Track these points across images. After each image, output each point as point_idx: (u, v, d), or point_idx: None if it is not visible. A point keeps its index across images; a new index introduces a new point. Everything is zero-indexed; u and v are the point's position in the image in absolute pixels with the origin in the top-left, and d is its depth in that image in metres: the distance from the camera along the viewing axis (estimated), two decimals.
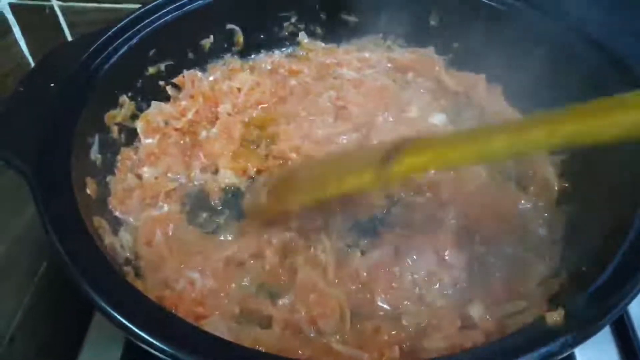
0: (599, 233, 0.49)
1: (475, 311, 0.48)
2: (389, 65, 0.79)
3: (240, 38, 0.77)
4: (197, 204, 0.65)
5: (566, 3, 0.65)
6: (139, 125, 0.68)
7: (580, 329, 0.36)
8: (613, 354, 0.58)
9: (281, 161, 0.68)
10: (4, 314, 0.74)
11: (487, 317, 0.48)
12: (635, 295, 0.37)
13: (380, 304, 0.51)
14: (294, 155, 0.68)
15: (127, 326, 0.39)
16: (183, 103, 0.72)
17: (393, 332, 0.49)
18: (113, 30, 0.64)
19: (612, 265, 0.41)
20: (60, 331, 0.85)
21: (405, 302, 0.51)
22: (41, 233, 0.83)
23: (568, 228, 0.57)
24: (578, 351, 0.57)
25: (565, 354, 0.36)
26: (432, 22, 0.75)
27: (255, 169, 0.68)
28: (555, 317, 0.38)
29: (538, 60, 0.64)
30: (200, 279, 0.54)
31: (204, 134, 0.71)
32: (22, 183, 0.76)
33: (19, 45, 0.91)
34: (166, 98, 0.73)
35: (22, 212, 0.78)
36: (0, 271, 0.72)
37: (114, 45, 0.63)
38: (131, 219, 0.61)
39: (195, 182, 0.67)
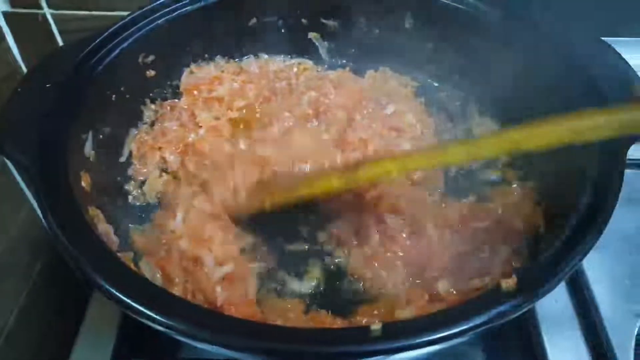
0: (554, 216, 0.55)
1: (442, 287, 0.54)
2: None
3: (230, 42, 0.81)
4: None
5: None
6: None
7: (529, 291, 0.41)
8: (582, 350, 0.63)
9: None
10: (1, 313, 0.76)
11: (453, 291, 0.54)
12: (577, 264, 0.43)
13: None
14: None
15: (128, 303, 0.42)
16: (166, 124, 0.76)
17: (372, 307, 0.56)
18: (106, 33, 0.68)
19: (559, 240, 0.46)
20: (55, 328, 0.87)
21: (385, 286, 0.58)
22: (36, 233, 0.86)
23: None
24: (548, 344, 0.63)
25: (518, 313, 0.41)
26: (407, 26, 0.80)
27: None
28: (509, 282, 0.42)
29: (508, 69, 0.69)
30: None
31: (192, 136, 0.75)
32: (16, 186, 0.79)
33: (12, 53, 0.94)
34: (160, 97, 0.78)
35: (17, 213, 0.81)
36: None
37: (107, 48, 0.67)
38: None
39: None
